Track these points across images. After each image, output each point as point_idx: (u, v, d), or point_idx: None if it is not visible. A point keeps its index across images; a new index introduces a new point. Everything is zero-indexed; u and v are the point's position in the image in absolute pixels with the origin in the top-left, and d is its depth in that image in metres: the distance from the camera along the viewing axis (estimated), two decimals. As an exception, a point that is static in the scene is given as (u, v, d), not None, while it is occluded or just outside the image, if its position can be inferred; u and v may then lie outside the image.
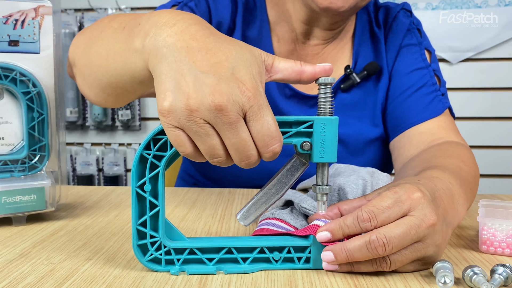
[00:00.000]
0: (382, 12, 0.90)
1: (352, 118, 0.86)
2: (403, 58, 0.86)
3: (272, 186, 0.48)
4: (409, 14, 0.90)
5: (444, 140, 0.77)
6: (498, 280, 0.44)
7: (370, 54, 0.88)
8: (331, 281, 0.46)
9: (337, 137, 0.47)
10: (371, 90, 0.87)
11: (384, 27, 0.89)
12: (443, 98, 0.83)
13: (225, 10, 0.86)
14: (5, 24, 0.62)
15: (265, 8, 0.87)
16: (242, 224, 0.49)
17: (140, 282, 0.45)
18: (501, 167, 2.08)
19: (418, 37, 0.88)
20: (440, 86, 0.84)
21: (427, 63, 0.86)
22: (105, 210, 0.72)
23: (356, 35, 0.88)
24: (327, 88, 0.47)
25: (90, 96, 0.66)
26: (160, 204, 0.47)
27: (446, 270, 0.43)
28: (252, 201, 0.49)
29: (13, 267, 0.49)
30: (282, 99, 0.86)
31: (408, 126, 0.82)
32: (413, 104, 0.83)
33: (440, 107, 0.82)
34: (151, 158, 0.46)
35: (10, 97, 0.64)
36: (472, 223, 0.67)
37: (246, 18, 0.87)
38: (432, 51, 0.88)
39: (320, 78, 0.47)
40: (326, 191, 0.49)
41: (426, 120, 0.81)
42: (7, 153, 0.64)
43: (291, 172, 0.48)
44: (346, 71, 0.85)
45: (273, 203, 0.49)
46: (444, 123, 0.81)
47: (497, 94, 2.06)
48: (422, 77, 0.84)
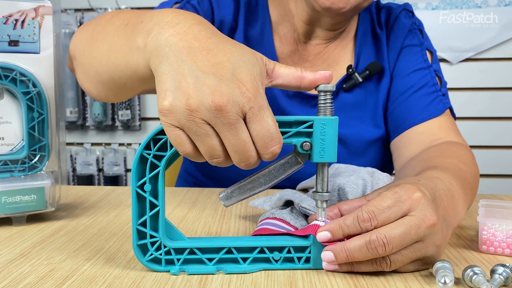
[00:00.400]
0: (384, 12, 0.90)
1: (353, 119, 0.86)
2: (405, 59, 0.87)
3: (262, 176, 0.48)
4: (411, 14, 0.91)
5: (444, 140, 0.77)
6: (498, 280, 0.44)
7: (372, 54, 0.88)
8: (331, 281, 0.46)
9: (337, 137, 0.47)
10: (373, 90, 0.87)
11: (386, 28, 0.89)
12: (443, 98, 0.83)
13: (227, 10, 0.86)
14: (5, 24, 0.62)
15: (267, 7, 0.88)
16: (222, 203, 0.48)
17: (140, 282, 0.45)
18: (501, 167, 2.08)
19: (419, 37, 0.88)
20: (441, 87, 0.85)
21: (428, 63, 0.86)
22: (105, 210, 0.72)
23: (358, 35, 0.89)
24: (327, 95, 0.47)
25: (90, 90, 0.66)
26: (160, 204, 0.47)
27: (446, 270, 0.43)
28: (238, 184, 0.48)
29: (13, 267, 0.49)
30: (284, 98, 0.87)
31: (408, 126, 0.82)
32: (413, 104, 0.83)
33: (441, 107, 0.82)
34: (151, 158, 0.46)
35: (10, 97, 0.64)
36: (472, 223, 0.67)
37: (248, 17, 0.87)
38: (433, 52, 0.88)
39: (320, 85, 0.47)
40: (325, 198, 0.49)
41: (426, 120, 0.81)
42: (7, 153, 0.64)
43: (284, 168, 0.48)
44: (348, 70, 0.85)
45: (257, 193, 0.48)
46: (445, 123, 0.81)
47: (497, 94, 2.06)
48: (423, 78, 0.85)
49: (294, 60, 0.88)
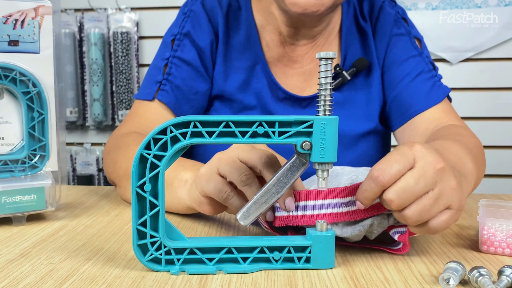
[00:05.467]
0: (366, 4, 0.90)
1: (344, 116, 0.86)
2: (395, 48, 0.87)
3: (272, 186, 0.48)
4: (394, 4, 0.91)
5: (447, 123, 0.80)
6: (505, 282, 0.43)
7: (359, 50, 0.88)
8: (331, 281, 0.46)
9: (337, 137, 0.47)
10: (362, 85, 0.88)
11: (371, 19, 0.89)
12: (441, 83, 0.86)
13: (204, 34, 0.86)
14: (5, 24, 0.62)
15: (251, 12, 0.87)
16: (242, 224, 0.49)
17: (140, 282, 0.45)
18: (501, 167, 2.08)
19: (405, 26, 0.89)
20: (436, 72, 0.87)
21: (420, 50, 0.87)
22: (105, 210, 0.71)
23: (343, 30, 0.88)
24: (328, 62, 0.47)
25: None
26: (160, 204, 0.47)
27: (454, 272, 0.43)
28: (252, 200, 0.49)
29: (13, 267, 0.49)
30: (274, 102, 0.87)
31: (413, 114, 0.84)
32: (415, 91, 0.85)
33: (441, 92, 0.84)
34: (151, 158, 0.46)
35: (10, 97, 0.64)
36: (472, 223, 0.67)
37: (231, 25, 0.87)
38: (421, 38, 0.89)
39: (321, 52, 0.47)
40: (326, 167, 0.48)
41: (430, 107, 0.83)
42: (7, 153, 0.64)
43: (291, 172, 0.48)
44: (336, 69, 0.86)
45: (273, 203, 0.49)
46: (447, 108, 0.84)
47: (497, 94, 2.06)
48: (418, 64, 0.86)
49: (283, 63, 0.87)
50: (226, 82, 0.87)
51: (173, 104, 0.84)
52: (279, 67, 0.87)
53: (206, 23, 0.86)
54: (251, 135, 0.46)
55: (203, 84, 0.86)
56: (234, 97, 0.87)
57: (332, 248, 0.48)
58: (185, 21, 0.87)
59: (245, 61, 0.87)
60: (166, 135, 0.46)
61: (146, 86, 0.86)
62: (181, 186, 0.63)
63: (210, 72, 0.87)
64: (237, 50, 0.87)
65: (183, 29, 0.87)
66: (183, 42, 0.86)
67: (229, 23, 0.88)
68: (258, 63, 0.87)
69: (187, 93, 0.85)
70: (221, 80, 0.87)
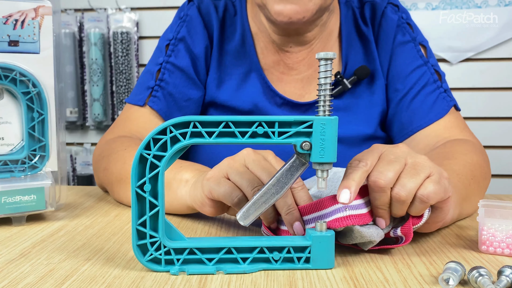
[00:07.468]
0: (368, 8, 0.87)
1: (345, 123, 0.85)
2: (400, 58, 0.85)
3: (272, 186, 0.48)
4: (397, 8, 0.87)
5: (448, 139, 0.77)
6: (504, 282, 0.43)
7: (361, 57, 0.86)
8: (331, 281, 0.46)
9: (337, 137, 0.47)
10: (364, 93, 0.86)
11: (373, 25, 0.86)
12: (446, 95, 0.82)
13: (200, 41, 0.86)
14: (5, 24, 0.62)
15: (247, 17, 0.87)
16: (242, 224, 0.49)
17: (140, 282, 0.45)
18: (501, 167, 2.08)
19: (410, 32, 0.86)
20: (441, 82, 0.83)
21: (425, 59, 0.85)
22: (105, 210, 0.72)
23: (342, 35, 0.86)
24: (328, 62, 0.47)
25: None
26: (160, 204, 0.47)
27: (453, 272, 0.43)
28: (252, 201, 0.49)
29: (13, 267, 0.49)
30: (273, 108, 0.86)
31: (414, 130, 0.82)
32: (418, 106, 0.82)
33: (445, 106, 0.81)
34: (151, 158, 0.46)
35: (10, 97, 0.64)
36: (472, 223, 0.67)
37: (226, 31, 0.87)
38: (426, 44, 0.86)
39: (320, 53, 0.47)
40: (326, 167, 0.48)
41: (432, 122, 0.81)
42: (7, 153, 0.64)
43: (291, 172, 0.48)
44: (337, 77, 0.84)
45: (273, 203, 0.49)
46: (449, 122, 0.81)
47: (497, 94, 2.06)
48: (423, 76, 0.83)
49: (279, 70, 0.86)
50: (219, 89, 0.86)
51: (164, 111, 0.83)
52: (275, 74, 0.86)
53: (202, 28, 0.86)
54: (251, 135, 0.46)
55: (196, 91, 0.86)
56: (228, 103, 0.86)
57: (332, 248, 0.48)
58: (181, 25, 0.87)
59: (239, 68, 0.86)
60: (165, 135, 0.46)
61: (138, 90, 0.86)
62: (181, 186, 0.63)
63: (203, 79, 0.87)
64: (231, 56, 0.86)
65: (178, 34, 0.86)
66: (177, 48, 0.86)
67: (225, 28, 0.87)
68: (253, 69, 0.86)
69: (179, 100, 0.84)
70: (214, 87, 0.86)
